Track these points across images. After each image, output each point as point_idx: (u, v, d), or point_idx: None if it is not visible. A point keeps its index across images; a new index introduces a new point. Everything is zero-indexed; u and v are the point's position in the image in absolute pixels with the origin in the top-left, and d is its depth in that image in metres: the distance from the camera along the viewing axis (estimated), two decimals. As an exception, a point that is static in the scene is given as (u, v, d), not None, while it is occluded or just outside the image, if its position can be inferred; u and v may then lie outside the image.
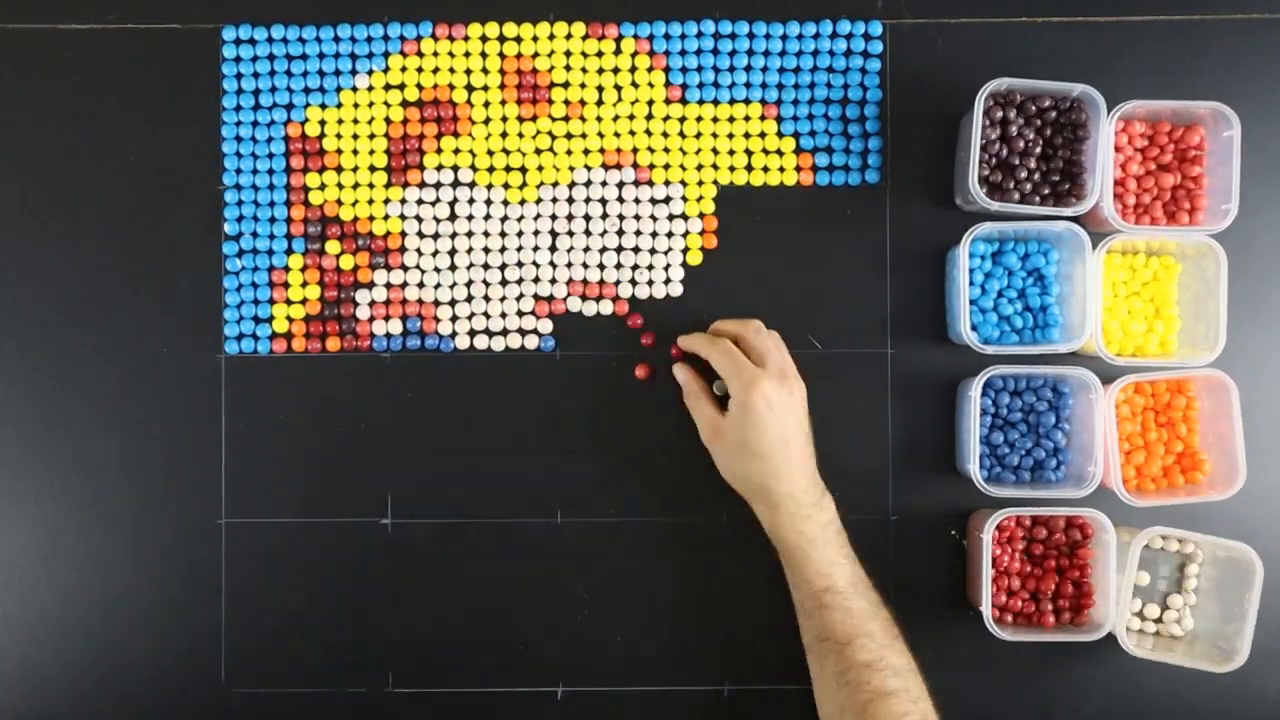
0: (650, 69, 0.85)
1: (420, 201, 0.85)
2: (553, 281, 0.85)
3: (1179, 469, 0.82)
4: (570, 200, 0.85)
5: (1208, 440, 0.81)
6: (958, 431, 0.84)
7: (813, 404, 0.84)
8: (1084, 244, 0.78)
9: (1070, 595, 0.81)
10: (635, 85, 0.85)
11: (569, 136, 0.85)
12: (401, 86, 0.85)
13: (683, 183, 0.85)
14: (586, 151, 0.85)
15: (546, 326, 0.85)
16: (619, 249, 0.85)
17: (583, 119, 0.85)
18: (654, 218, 0.85)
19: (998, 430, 0.82)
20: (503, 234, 0.85)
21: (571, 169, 0.85)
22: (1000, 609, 0.81)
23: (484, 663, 0.85)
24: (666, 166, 0.85)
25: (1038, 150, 0.80)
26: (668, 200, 0.85)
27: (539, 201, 0.85)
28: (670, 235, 0.85)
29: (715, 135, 0.85)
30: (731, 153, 0.85)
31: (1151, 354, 0.82)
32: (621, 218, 0.85)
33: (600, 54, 0.85)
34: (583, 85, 0.85)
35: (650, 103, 0.85)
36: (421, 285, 0.85)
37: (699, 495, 0.84)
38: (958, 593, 0.84)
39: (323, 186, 0.85)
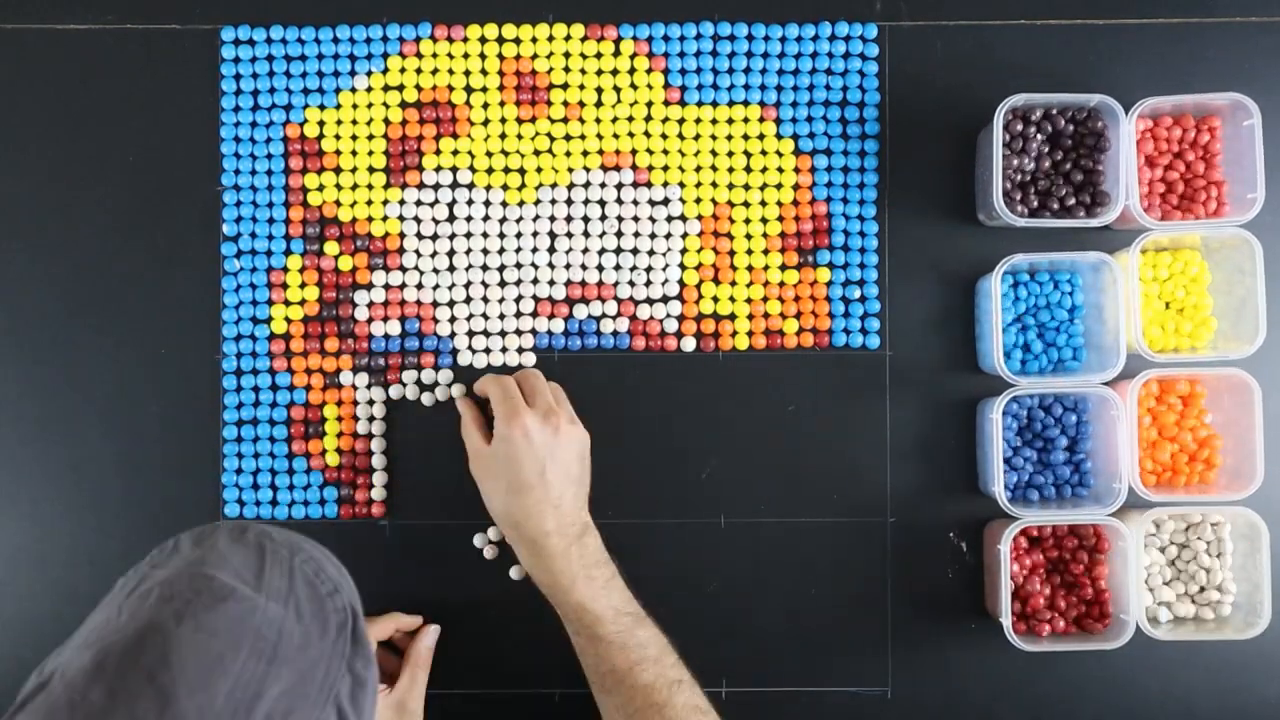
0: (649, 70, 0.85)
1: (419, 203, 0.85)
2: (551, 283, 0.85)
3: (1197, 466, 0.82)
4: (569, 202, 0.85)
5: (1228, 438, 0.81)
6: (979, 453, 0.84)
7: (811, 405, 0.84)
8: (1115, 275, 0.78)
9: (1089, 603, 0.81)
10: (634, 87, 0.85)
11: (568, 138, 0.85)
12: (400, 88, 0.85)
13: (681, 184, 0.85)
14: (585, 153, 0.85)
15: (544, 327, 0.85)
16: (618, 250, 0.85)
17: (582, 120, 0.85)
18: (653, 219, 0.85)
19: (1019, 451, 0.82)
20: (501, 235, 0.85)
21: (570, 170, 0.85)
22: (1019, 619, 0.81)
23: (481, 664, 0.84)
24: (665, 168, 0.85)
25: (1059, 163, 0.81)
26: (666, 202, 0.85)
27: (538, 203, 0.85)
28: (669, 237, 0.85)
29: (714, 137, 0.85)
30: (730, 154, 0.85)
31: (1188, 351, 0.82)
32: (620, 219, 0.85)
33: (599, 55, 0.85)
34: (582, 87, 0.85)
35: (649, 104, 0.85)
36: (420, 286, 0.85)
37: (698, 496, 0.84)
38: (956, 595, 0.84)
39: (321, 188, 0.85)
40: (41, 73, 0.85)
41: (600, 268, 0.85)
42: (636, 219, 0.85)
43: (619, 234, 0.85)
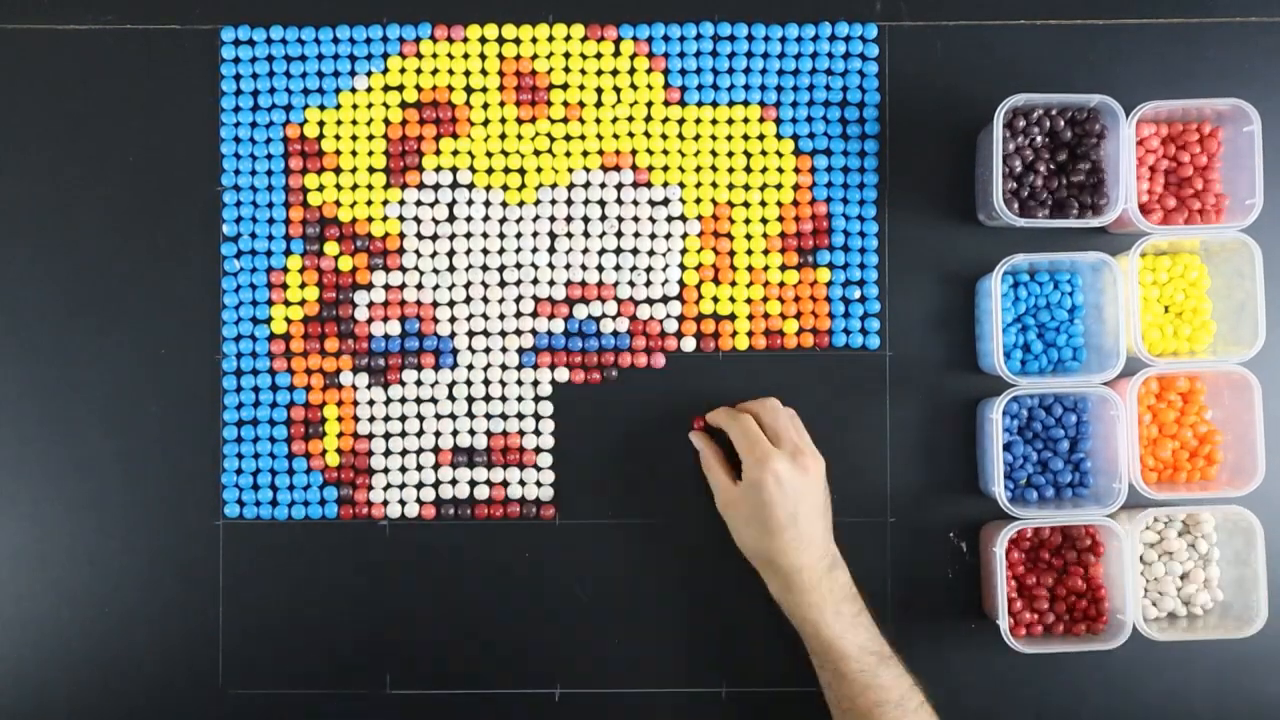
0: (649, 71, 0.85)
1: (419, 203, 0.85)
2: (551, 283, 0.85)
3: (1197, 464, 0.82)
4: (569, 202, 0.85)
5: (1228, 435, 0.81)
6: (979, 453, 0.84)
7: (811, 405, 0.84)
8: (1115, 275, 0.78)
9: (1085, 603, 0.81)
10: (634, 87, 0.85)
11: (568, 138, 0.85)
12: (400, 88, 0.85)
13: (681, 184, 0.85)
14: (585, 153, 0.85)
15: (544, 327, 0.85)
16: (618, 250, 0.85)
17: (581, 120, 0.85)
18: (652, 219, 0.85)
19: (1019, 452, 0.82)
20: (501, 235, 0.85)
21: (570, 170, 0.85)
22: (1016, 620, 0.81)
23: (482, 664, 0.84)
24: (665, 168, 0.85)
25: (1059, 164, 0.81)
26: (666, 202, 0.85)
27: (538, 203, 0.85)
28: (669, 237, 0.85)
29: (714, 137, 0.85)
30: (730, 154, 0.85)
31: (1187, 354, 0.82)
32: (620, 219, 0.85)
33: (599, 56, 0.85)
34: (582, 87, 0.85)
35: (649, 104, 0.85)
36: (420, 287, 0.85)
37: (698, 497, 0.84)
38: (956, 595, 0.84)
39: (321, 188, 0.85)
40: (41, 73, 0.85)
41: (600, 268, 0.85)
42: (636, 219, 0.85)
43: (619, 234, 0.85)
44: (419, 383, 0.85)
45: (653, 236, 0.85)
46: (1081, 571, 0.81)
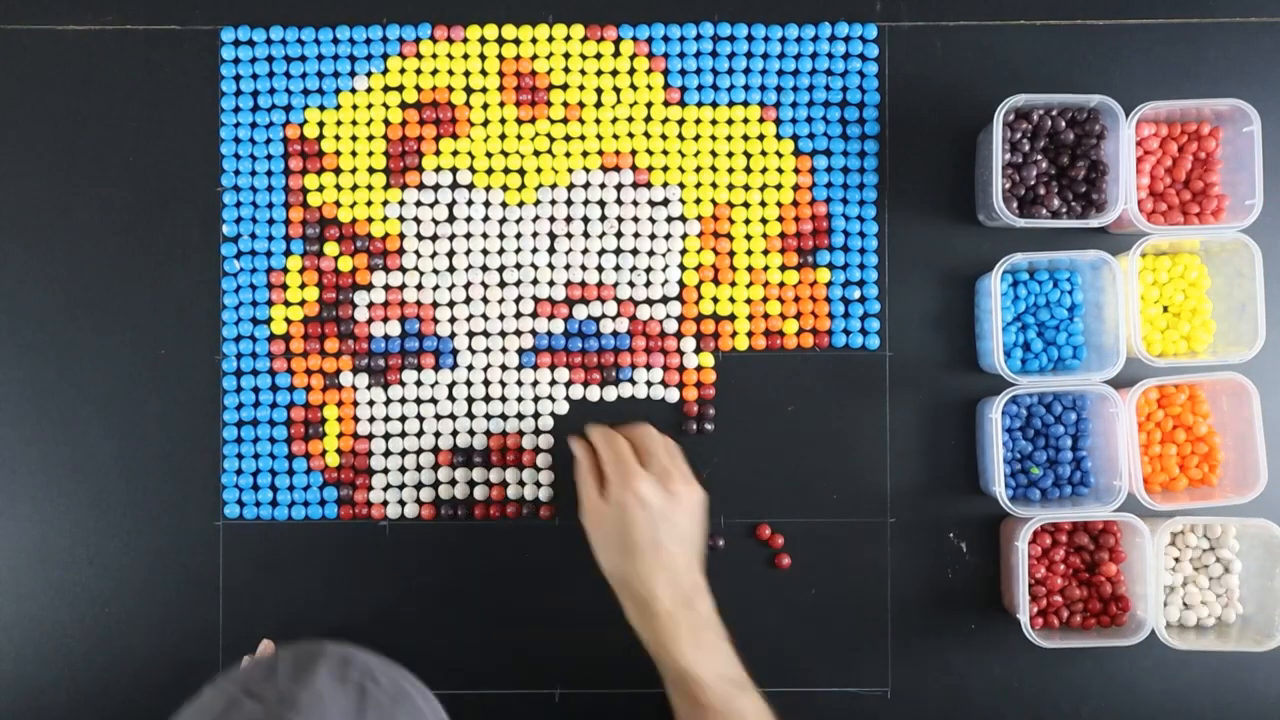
0: (649, 71, 0.85)
1: (419, 203, 0.85)
2: (551, 283, 0.85)
3: (1198, 471, 0.82)
4: (569, 202, 0.85)
5: (1229, 443, 0.81)
6: (979, 452, 0.84)
7: (811, 405, 0.84)
8: (1115, 273, 0.78)
9: (1106, 599, 0.81)
10: (634, 87, 0.85)
11: (568, 138, 0.85)
12: (400, 88, 0.85)
13: (681, 185, 0.85)
14: (585, 153, 0.85)
15: (544, 327, 0.85)
16: (617, 251, 0.85)
17: (581, 121, 0.85)
18: (652, 220, 0.85)
19: (1019, 450, 0.82)
20: (501, 236, 0.85)
21: (570, 171, 0.85)
22: (1036, 615, 0.81)
23: (481, 665, 0.84)
24: (665, 169, 0.85)
25: (1059, 164, 0.81)
26: (666, 202, 0.85)
27: (538, 203, 0.85)
28: (669, 237, 0.85)
29: (714, 138, 0.85)
30: (730, 155, 0.85)
31: (1187, 354, 0.82)
32: (620, 220, 0.85)
33: (599, 56, 0.85)
34: (581, 87, 0.85)
35: (649, 105, 0.85)
36: (420, 287, 0.85)
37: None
38: (956, 595, 0.84)
39: (321, 188, 0.85)
40: (41, 73, 0.85)
41: (600, 268, 0.85)
42: (636, 219, 0.85)
43: (619, 234, 0.85)
44: (419, 383, 0.85)
45: (653, 237, 0.85)
46: (1107, 569, 0.81)
